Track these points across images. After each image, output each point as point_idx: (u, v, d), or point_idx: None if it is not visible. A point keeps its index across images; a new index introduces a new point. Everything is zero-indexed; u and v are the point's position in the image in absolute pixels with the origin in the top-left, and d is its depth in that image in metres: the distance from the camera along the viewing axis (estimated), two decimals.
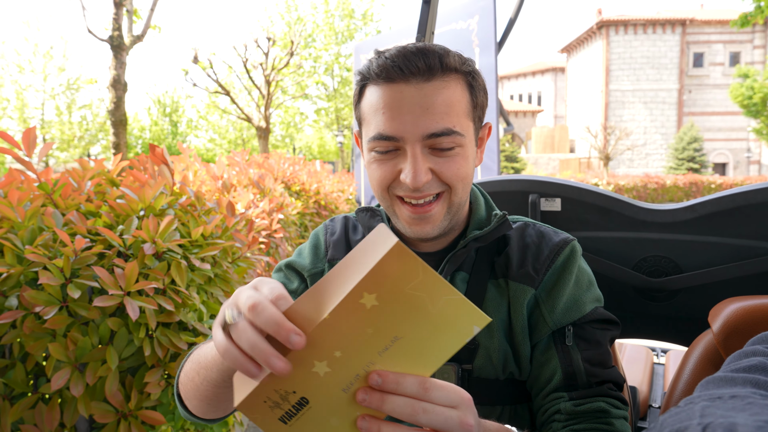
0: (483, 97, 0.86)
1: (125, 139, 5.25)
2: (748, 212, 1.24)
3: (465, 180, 0.83)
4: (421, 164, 0.78)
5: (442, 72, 0.78)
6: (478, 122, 0.86)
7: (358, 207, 0.98)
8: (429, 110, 0.77)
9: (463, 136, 0.80)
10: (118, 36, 5.22)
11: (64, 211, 1.63)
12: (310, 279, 0.98)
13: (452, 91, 0.79)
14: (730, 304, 0.91)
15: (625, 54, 36.72)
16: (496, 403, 0.89)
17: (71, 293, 1.35)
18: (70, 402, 1.40)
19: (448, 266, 0.89)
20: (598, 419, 0.81)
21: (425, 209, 0.82)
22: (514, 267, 0.88)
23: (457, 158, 0.81)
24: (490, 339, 0.87)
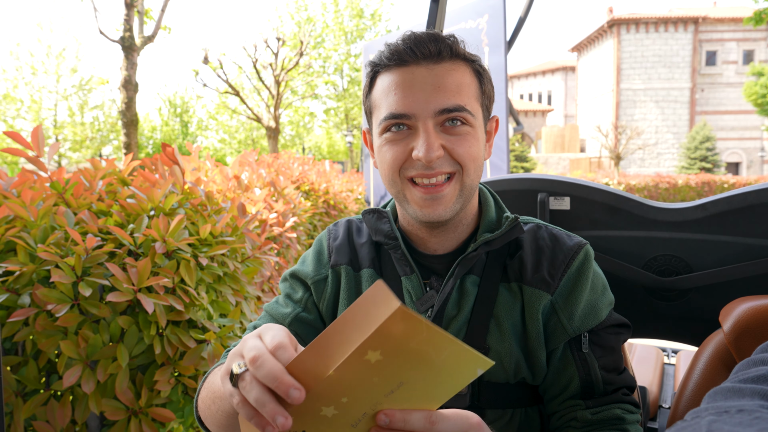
0: (490, 89, 0.88)
1: (136, 139, 5.30)
2: (760, 211, 1.22)
3: (476, 161, 0.84)
4: (433, 139, 0.80)
5: (452, 57, 0.82)
6: (486, 111, 0.88)
7: (365, 209, 0.97)
8: (440, 88, 0.80)
9: (474, 116, 0.83)
10: (129, 37, 5.27)
11: (76, 210, 1.65)
12: (313, 287, 0.98)
13: (462, 74, 0.83)
14: (742, 303, 0.90)
15: (637, 53, 36.42)
16: (506, 406, 0.88)
17: (83, 291, 1.36)
18: (82, 399, 1.41)
19: (459, 269, 0.88)
20: (614, 426, 0.82)
21: (437, 189, 0.83)
22: (528, 271, 0.88)
23: (468, 137, 0.82)
24: (501, 343, 0.86)
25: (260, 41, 12.40)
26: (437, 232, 0.90)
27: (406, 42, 0.82)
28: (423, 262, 0.93)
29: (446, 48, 0.82)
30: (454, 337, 0.48)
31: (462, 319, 0.88)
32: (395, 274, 0.93)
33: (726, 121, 36.51)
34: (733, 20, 35.76)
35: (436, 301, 0.88)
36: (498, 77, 4.54)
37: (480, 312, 0.87)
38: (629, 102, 36.69)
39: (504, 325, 0.87)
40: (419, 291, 0.90)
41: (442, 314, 0.89)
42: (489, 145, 0.92)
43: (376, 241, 0.96)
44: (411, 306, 0.90)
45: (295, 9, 22.28)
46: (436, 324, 0.88)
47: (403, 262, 0.91)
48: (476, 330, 0.87)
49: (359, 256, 0.97)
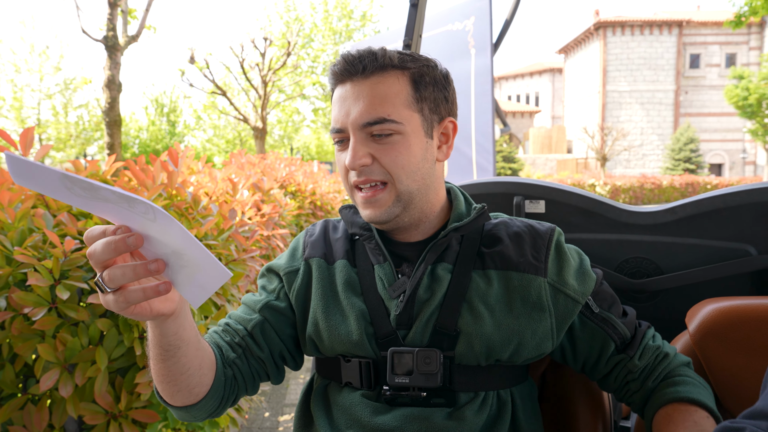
0: (435, 92, 0.92)
1: (119, 140, 5.24)
2: (727, 214, 1.25)
3: (406, 168, 0.89)
4: (358, 148, 0.88)
5: (379, 69, 0.89)
6: (428, 114, 0.92)
7: (342, 205, 1.03)
8: (363, 101, 0.88)
9: (401, 124, 0.88)
10: (113, 36, 5.21)
11: (55, 212, 1.63)
12: (285, 277, 1.02)
13: (388, 85, 0.88)
14: (707, 305, 0.92)
15: (622, 55, 36.79)
16: (478, 389, 0.91)
17: (60, 294, 1.35)
18: (59, 403, 1.40)
19: (429, 255, 0.93)
20: (657, 358, 0.93)
21: (371, 195, 0.90)
22: (513, 258, 0.92)
23: (396, 146, 0.88)
24: (473, 326, 0.89)
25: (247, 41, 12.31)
26: (397, 231, 0.97)
27: (338, 65, 0.91)
28: (396, 250, 0.98)
29: (371, 62, 0.88)
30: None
31: (435, 303, 0.91)
32: (368, 264, 0.97)
33: (709, 123, 37.02)
34: (716, 24, 36.29)
35: (407, 286, 0.92)
36: (485, 79, 4.56)
37: (452, 297, 0.91)
38: (615, 104, 37.05)
39: (477, 310, 0.90)
40: (391, 278, 0.94)
41: (413, 299, 0.92)
42: (448, 147, 0.96)
43: (351, 233, 1.01)
44: (383, 293, 0.94)
45: (284, 9, 22.20)
46: (408, 309, 0.92)
47: (377, 252, 0.97)
48: (448, 313, 0.90)
49: (333, 249, 1.02)
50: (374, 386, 0.92)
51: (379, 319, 0.92)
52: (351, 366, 0.93)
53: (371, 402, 0.92)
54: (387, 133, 0.88)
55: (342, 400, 0.95)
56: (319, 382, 1.02)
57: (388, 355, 0.89)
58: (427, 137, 0.92)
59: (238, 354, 0.96)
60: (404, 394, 0.89)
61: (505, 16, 4.92)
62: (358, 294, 0.95)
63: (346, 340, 0.93)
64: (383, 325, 0.92)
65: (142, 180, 1.84)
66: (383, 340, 0.91)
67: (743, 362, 0.86)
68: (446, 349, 0.89)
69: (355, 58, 0.90)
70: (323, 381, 1.02)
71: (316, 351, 0.99)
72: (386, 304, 0.93)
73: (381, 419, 0.89)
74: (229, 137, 25.49)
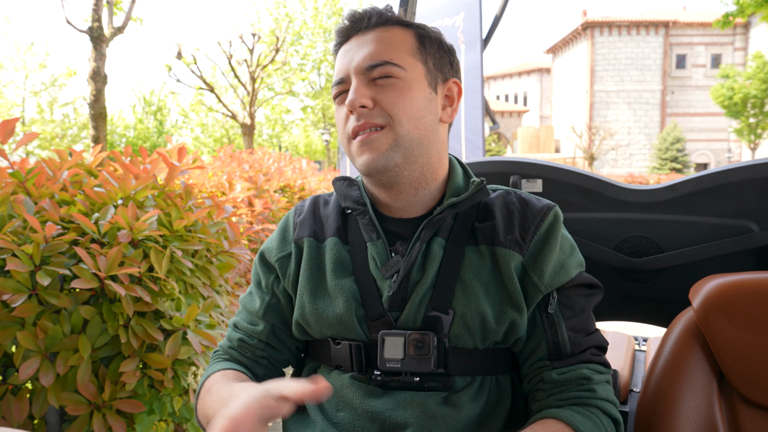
0: (441, 53, 0.91)
1: (105, 133, 5.15)
2: (728, 191, 1.24)
3: (408, 111, 0.85)
4: (359, 89, 0.85)
5: (382, 23, 0.88)
6: (433, 69, 0.89)
7: (336, 177, 0.97)
8: (367, 48, 0.86)
9: (403, 68, 0.85)
10: (98, 27, 5.11)
11: (37, 199, 1.58)
12: (278, 265, 0.97)
13: (393, 34, 0.87)
14: (711, 280, 0.90)
15: (610, 55, 37.10)
16: (475, 373, 0.87)
17: (41, 280, 1.31)
18: (40, 393, 1.35)
19: (425, 232, 0.87)
20: (581, 386, 0.82)
21: (368, 135, 0.85)
22: (501, 233, 0.87)
23: (397, 87, 0.85)
24: (467, 306, 0.85)
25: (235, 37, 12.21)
26: (395, 193, 0.90)
27: (344, 21, 0.91)
28: (390, 227, 0.92)
29: (376, 16, 0.88)
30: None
31: (427, 283, 0.87)
32: (361, 241, 0.93)
33: (695, 123, 37.45)
34: (702, 25, 36.71)
35: (401, 266, 0.87)
36: (474, 75, 4.56)
37: (445, 275, 0.86)
38: (602, 103, 37.36)
39: (471, 288, 0.85)
40: (384, 257, 0.89)
41: (407, 280, 0.88)
42: (453, 110, 0.92)
43: (344, 207, 0.96)
44: (376, 272, 0.89)
45: (273, 5, 22.08)
46: (402, 290, 0.88)
47: (370, 228, 0.91)
48: (442, 294, 0.86)
49: (324, 226, 0.97)
50: (365, 370, 0.88)
51: (370, 300, 0.88)
52: (341, 349, 0.89)
53: (363, 384, 0.88)
54: (388, 75, 0.85)
55: (331, 383, 0.91)
56: (308, 365, 0.99)
57: (379, 338, 0.85)
58: (431, 89, 0.88)
59: (264, 365, 0.98)
60: (396, 379, 0.85)
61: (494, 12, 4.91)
62: (349, 273, 0.91)
63: (334, 322, 0.89)
64: (374, 306, 0.88)
65: (135, 173, 1.78)
66: (374, 322, 0.87)
67: (749, 337, 0.84)
68: (440, 331, 0.85)
69: (360, 14, 0.89)
70: (312, 364, 0.98)
71: (304, 334, 0.96)
72: (378, 284, 0.89)
73: (373, 402, 0.86)
74: (217, 135, 25.31)
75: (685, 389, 0.88)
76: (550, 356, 0.85)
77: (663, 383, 0.90)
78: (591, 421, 0.79)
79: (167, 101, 27.21)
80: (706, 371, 0.88)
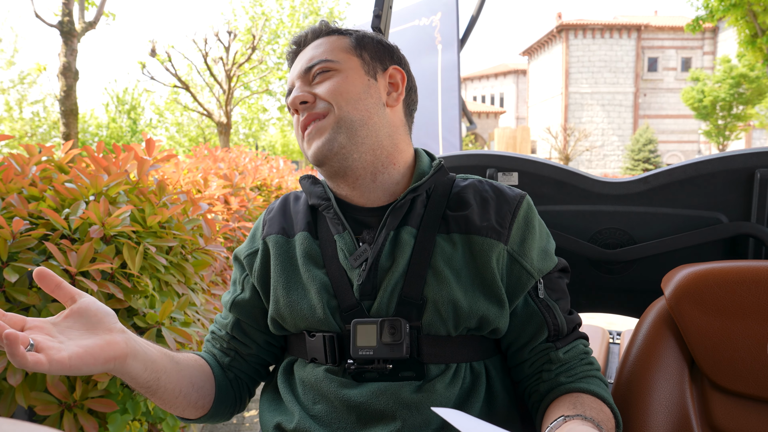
0: (379, 46, 0.96)
1: (76, 129, 5.03)
2: (698, 183, 1.27)
3: (345, 95, 0.89)
4: (299, 89, 0.91)
5: (323, 35, 0.96)
6: (369, 60, 0.94)
7: (302, 175, 1.00)
8: (305, 57, 0.94)
9: (337, 62, 0.91)
10: (69, 22, 4.99)
11: (4, 195, 1.54)
12: (245, 261, 1.00)
13: (327, 41, 0.94)
14: (682, 270, 0.93)
15: (584, 57, 37.71)
16: (449, 360, 0.87)
17: (8, 277, 1.27)
18: (7, 392, 1.32)
19: (390, 219, 0.89)
20: (582, 360, 0.89)
21: (313, 126, 0.90)
22: (476, 221, 0.88)
23: (333, 77, 0.90)
24: (439, 293, 0.85)
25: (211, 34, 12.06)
26: (351, 180, 0.92)
27: (289, 45, 1.01)
28: (357, 216, 0.94)
29: (311, 32, 0.97)
30: None
31: (399, 270, 0.87)
32: (330, 235, 0.93)
33: (666, 124, 38.31)
34: (673, 29, 37.58)
35: (369, 254, 0.88)
36: (451, 74, 4.58)
37: (416, 263, 0.87)
38: (577, 105, 37.95)
39: (442, 275, 0.86)
40: (352, 247, 0.90)
41: (375, 267, 0.88)
42: (398, 94, 0.96)
43: (311, 204, 0.98)
44: (345, 263, 0.90)
45: (250, 3, 21.88)
46: (371, 278, 0.88)
47: (336, 221, 0.92)
48: (413, 281, 0.86)
49: (294, 222, 0.98)
50: (339, 361, 0.89)
51: (342, 291, 0.88)
52: (315, 341, 0.90)
53: (337, 377, 0.88)
54: (323, 70, 0.91)
55: (307, 376, 0.91)
56: (286, 360, 0.99)
57: (351, 327, 0.86)
58: (368, 77, 0.93)
59: (232, 357, 1.00)
60: (370, 368, 0.85)
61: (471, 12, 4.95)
62: (320, 266, 0.91)
63: (308, 315, 0.89)
64: (347, 297, 0.88)
65: (105, 166, 1.74)
66: (347, 313, 0.88)
67: (719, 325, 0.86)
68: (414, 319, 0.86)
69: (299, 36, 0.98)
70: (289, 358, 0.98)
71: (280, 329, 0.96)
72: (349, 275, 0.89)
73: (348, 393, 0.86)
74: (192, 135, 24.96)
75: (657, 376, 0.90)
76: (550, 338, 0.89)
77: (636, 371, 0.92)
78: (601, 388, 0.86)
79: (141, 100, 26.72)
80: (678, 358, 0.90)
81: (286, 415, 0.91)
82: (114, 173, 1.69)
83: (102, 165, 1.73)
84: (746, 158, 1.22)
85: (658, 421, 0.86)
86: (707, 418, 0.86)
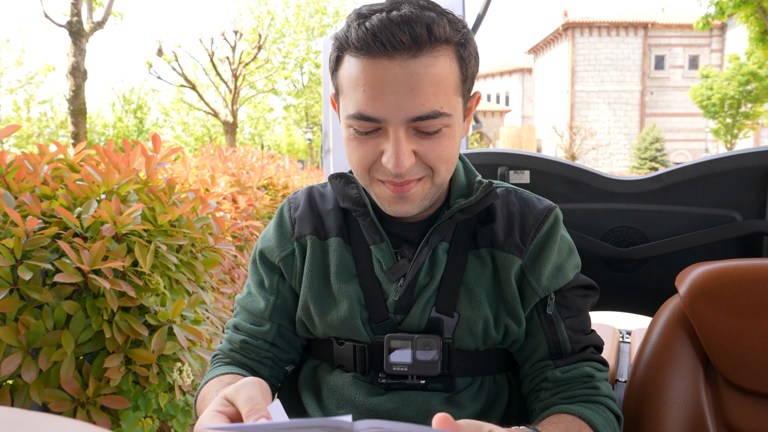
0: (474, 66, 0.79)
1: (85, 129, 5.07)
2: (712, 181, 1.26)
3: (449, 161, 0.79)
4: (404, 148, 0.73)
5: (431, 45, 0.70)
6: (467, 95, 0.80)
7: (331, 174, 0.92)
8: (414, 91, 0.70)
9: (451, 116, 0.75)
10: (77, 22, 5.03)
11: (17, 193, 1.55)
12: (282, 264, 0.94)
13: (441, 67, 0.71)
14: (697, 268, 0.92)
15: (590, 56, 37.55)
16: (476, 374, 0.87)
17: (22, 275, 1.28)
18: (22, 389, 1.33)
19: (434, 237, 0.86)
20: (585, 384, 0.83)
21: (405, 189, 0.78)
22: (500, 237, 0.86)
23: (443, 139, 0.76)
24: (471, 310, 0.85)
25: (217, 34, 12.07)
26: None
27: (376, 33, 0.69)
28: (394, 230, 0.90)
29: (423, 34, 0.69)
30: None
31: (433, 287, 0.86)
32: (364, 242, 0.90)
33: (673, 123, 38.09)
34: (680, 26, 37.35)
35: (408, 270, 0.85)
36: None
37: (450, 279, 0.85)
38: (583, 103, 37.80)
39: (474, 292, 0.85)
40: (389, 260, 0.87)
41: (414, 283, 0.86)
42: (467, 121, 0.86)
43: (344, 207, 0.92)
44: (381, 276, 0.87)
45: (255, 2, 21.91)
46: (408, 294, 0.86)
47: (372, 230, 0.87)
48: (446, 297, 0.85)
49: (325, 224, 0.93)
50: (368, 371, 0.88)
51: (374, 303, 0.87)
52: (344, 349, 0.88)
53: (365, 383, 0.88)
54: (437, 129, 0.74)
55: (333, 381, 0.90)
56: (308, 363, 0.98)
57: (385, 342, 0.84)
58: (463, 120, 0.82)
59: (269, 365, 0.96)
60: (401, 382, 0.85)
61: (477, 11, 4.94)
62: (353, 276, 0.89)
63: (338, 324, 0.88)
64: (379, 309, 0.87)
65: (115, 163, 1.75)
66: (377, 324, 0.87)
67: (734, 323, 0.86)
68: (444, 333, 0.85)
69: (401, 26, 0.69)
70: (312, 362, 0.97)
71: (307, 332, 0.94)
72: (383, 287, 0.87)
73: (375, 401, 0.85)
74: (198, 134, 25.05)
75: (672, 375, 0.89)
76: (551, 355, 0.85)
77: (650, 369, 0.91)
78: (599, 415, 0.79)
79: (147, 99, 26.83)
80: (692, 357, 0.90)
81: (306, 417, 0.91)
82: (124, 171, 1.70)
83: (113, 161, 1.74)
84: (761, 156, 1.22)
85: (673, 419, 0.86)
86: (722, 417, 0.86)
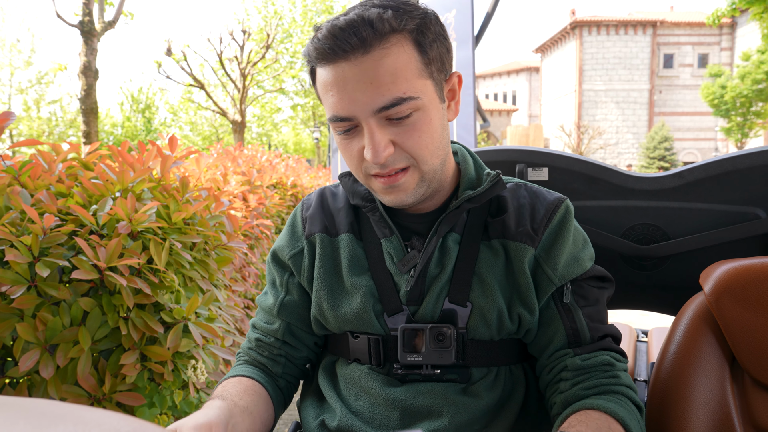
0: (439, 47, 0.80)
1: (96, 128, 5.11)
2: (735, 177, 1.25)
3: (430, 147, 0.80)
4: (379, 138, 0.76)
5: (378, 39, 0.73)
6: (438, 76, 0.81)
7: (341, 172, 0.96)
8: (373, 84, 0.74)
9: (419, 98, 0.76)
10: (89, 21, 5.06)
11: (33, 191, 1.56)
12: (291, 262, 0.97)
13: (395, 57, 0.74)
14: (722, 265, 0.91)
15: (598, 54, 37.34)
16: (491, 364, 0.88)
17: (40, 272, 1.28)
18: (40, 385, 1.33)
19: (441, 227, 0.87)
20: (605, 372, 0.82)
21: (393, 179, 0.81)
22: (512, 227, 0.87)
23: (417, 124, 0.78)
24: (484, 299, 0.85)
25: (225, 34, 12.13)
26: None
27: (326, 41, 0.75)
28: (403, 222, 0.92)
29: (368, 33, 0.73)
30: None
31: (445, 277, 0.87)
32: (375, 237, 0.92)
33: (682, 122, 37.81)
34: (689, 24, 37.07)
35: (418, 261, 0.87)
36: (466, 72, 4.56)
37: (462, 269, 0.86)
38: (591, 102, 37.60)
39: (487, 281, 0.86)
40: (400, 252, 0.89)
41: (425, 274, 0.88)
42: (455, 103, 0.86)
43: (354, 204, 0.95)
44: (392, 268, 0.89)
45: (262, 3, 21.96)
46: (419, 284, 0.87)
47: (382, 224, 0.90)
48: (459, 287, 0.86)
49: (336, 221, 0.96)
50: (383, 363, 0.89)
51: (387, 295, 0.88)
52: (359, 342, 0.90)
53: (381, 375, 0.89)
54: (406, 113, 0.76)
55: (350, 373, 0.92)
56: (326, 359, 0.99)
57: (399, 332, 0.85)
58: (441, 102, 0.82)
59: (282, 363, 0.98)
60: (416, 372, 0.86)
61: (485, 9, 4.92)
62: (365, 270, 0.91)
63: (352, 318, 0.89)
64: (392, 301, 0.88)
65: (130, 163, 1.76)
66: (391, 316, 0.88)
67: (762, 321, 0.85)
68: (457, 323, 0.86)
69: (346, 31, 0.73)
70: (330, 357, 0.99)
71: (322, 329, 0.96)
72: (395, 279, 0.89)
73: (393, 391, 0.86)
74: (206, 133, 25.15)
75: (697, 373, 0.88)
76: (570, 344, 0.85)
77: (675, 368, 0.90)
78: (624, 408, 0.78)
79: (156, 99, 26.96)
80: (718, 355, 0.89)
81: (328, 412, 0.92)
82: (138, 170, 1.70)
83: (128, 161, 1.75)
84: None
85: (699, 419, 0.85)
86: (749, 416, 0.85)
